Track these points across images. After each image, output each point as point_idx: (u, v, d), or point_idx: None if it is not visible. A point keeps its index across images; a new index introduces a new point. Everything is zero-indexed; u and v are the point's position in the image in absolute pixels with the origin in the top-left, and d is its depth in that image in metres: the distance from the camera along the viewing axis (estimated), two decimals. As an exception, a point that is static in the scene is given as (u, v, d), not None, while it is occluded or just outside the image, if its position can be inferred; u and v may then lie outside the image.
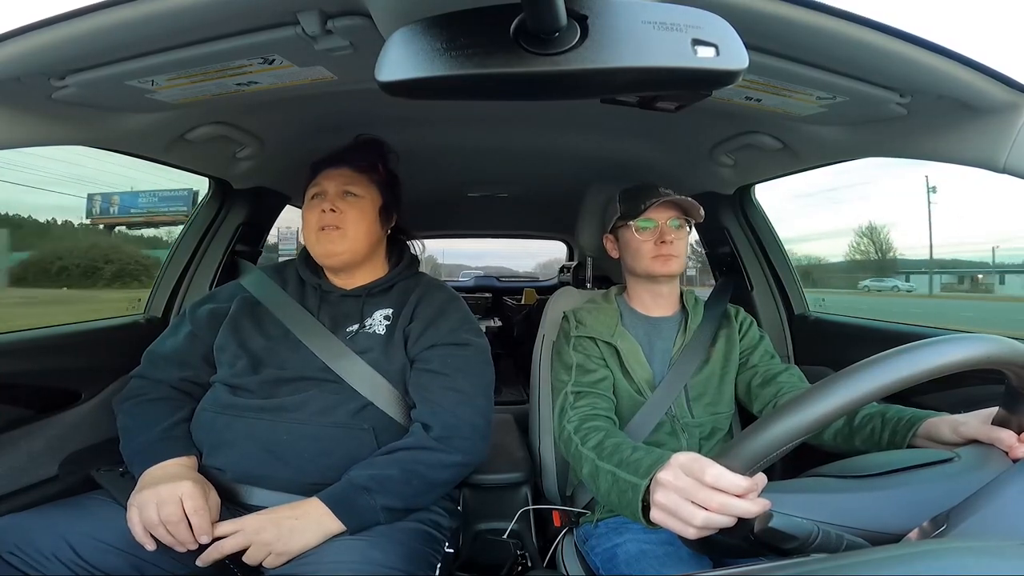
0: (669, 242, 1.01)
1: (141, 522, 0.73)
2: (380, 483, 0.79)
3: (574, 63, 0.35)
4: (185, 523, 0.73)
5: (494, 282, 3.58)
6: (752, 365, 1.05)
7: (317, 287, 0.99)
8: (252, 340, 0.93)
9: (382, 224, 1.00)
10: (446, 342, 0.93)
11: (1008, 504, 0.43)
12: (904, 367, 0.44)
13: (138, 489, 0.77)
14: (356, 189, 0.96)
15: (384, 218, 1.00)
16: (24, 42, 0.58)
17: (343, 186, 0.96)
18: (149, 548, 0.74)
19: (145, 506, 0.73)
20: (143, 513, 0.73)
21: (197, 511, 0.74)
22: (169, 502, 0.73)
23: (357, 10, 0.57)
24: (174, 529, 0.73)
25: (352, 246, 0.95)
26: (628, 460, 0.72)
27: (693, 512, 0.51)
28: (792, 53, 0.63)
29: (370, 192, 0.98)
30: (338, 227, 0.94)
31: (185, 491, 0.75)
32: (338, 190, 0.96)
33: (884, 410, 0.82)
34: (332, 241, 0.94)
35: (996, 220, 42.69)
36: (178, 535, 0.73)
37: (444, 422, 0.86)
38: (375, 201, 0.99)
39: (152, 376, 0.93)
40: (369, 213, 0.97)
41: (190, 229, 1.38)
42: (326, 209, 0.94)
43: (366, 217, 0.97)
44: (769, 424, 0.46)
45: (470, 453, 0.88)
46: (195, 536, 0.73)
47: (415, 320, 0.96)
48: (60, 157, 10.23)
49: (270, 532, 0.74)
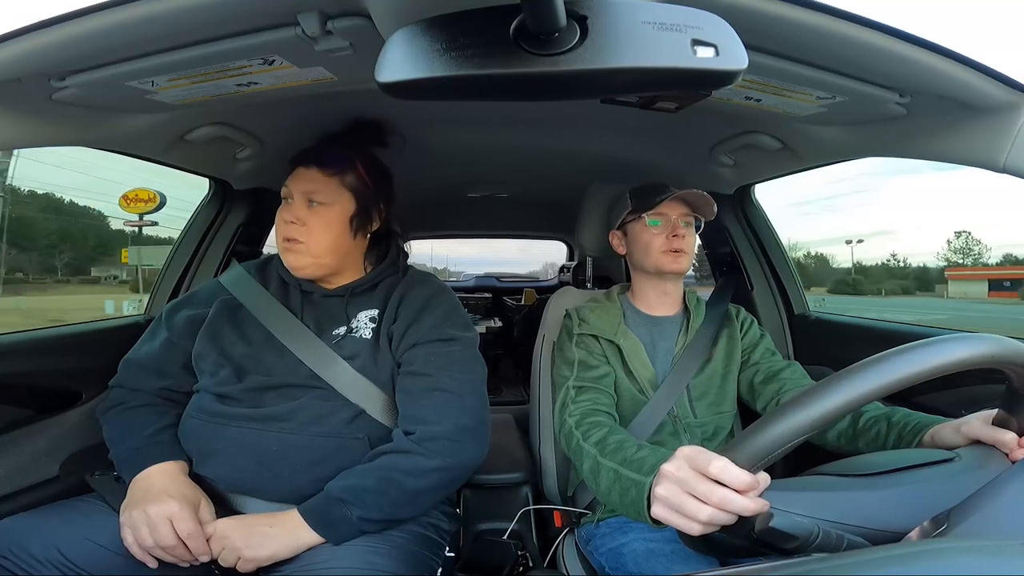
0: (680, 237, 1.02)
1: (136, 543, 0.73)
2: (356, 494, 0.76)
3: (574, 63, 0.35)
4: (182, 546, 0.73)
5: (494, 282, 3.57)
6: (754, 363, 1.05)
7: (298, 286, 0.94)
8: (233, 347, 0.88)
9: (355, 231, 0.92)
10: (429, 339, 0.88)
11: (1009, 504, 0.43)
12: (908, 366, 0.44)
13: (127, 504, 0.76)
14: (322, 196, 0.88)
15: (358, 224, 0.92)
16: (24, 43, 0.58)
17: (307, 191, 0.88)
18: (152, 566, 0.74)
19: (137, 528, 0.73)
20: (137, 535, 0.73)
21: (191, 536, 0.73)
22: (160, 524, 0.72)
23: (357, 11, 0.57)
24: (171, 552, 0.73)
25: (315, 260, 0.89)
26: (632, 458, 0.72)
27: (697, 508, 0.50)
28: (792, 53, 0.63)
29: (340, 198, 0.90)
30: (299, 240, 0.88)
31: (175, 513, 0.73)
32: (303, 197, 0.89)
33: (890, 413, 0.82)
34: (294, 255, 0.88)
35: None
36: (178, 556, 0.73)
37: (425, 425, 0.81)
38: (345, 208, 0.90)
39: (131, 385, 0.90)
40: (336, 224, 0.89)
41: (190, 229, 1.38)
42: (288, 220, 0.88)
43: (331, 229, 0.89)
44: (774, 420, 0.46)
45: (455, 456, 0.81)
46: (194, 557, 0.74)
47: (398, 319, 0.90)
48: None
49: (239, 538, 0.74)
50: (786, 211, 26.84)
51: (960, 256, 24.39)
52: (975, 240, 25.35)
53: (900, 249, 36.73)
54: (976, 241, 25.42)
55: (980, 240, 27.64)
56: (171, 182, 1.58)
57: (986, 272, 21.14)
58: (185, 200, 1.58)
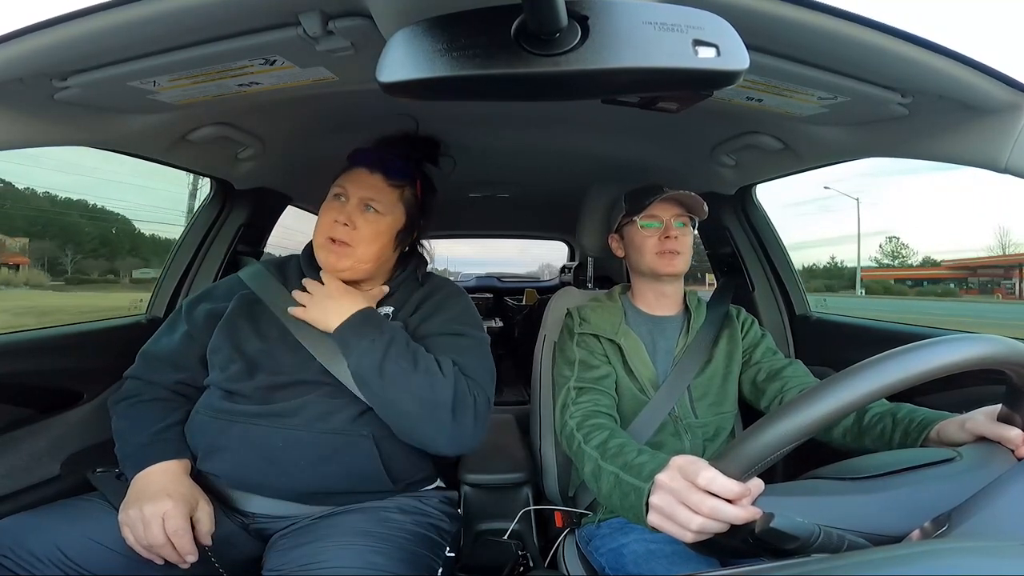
0: (674, 238, 1.02)
1: (136, 542, 0.73)
2: (391, 344, 0.81)
3: (575, 64, 0.35)
4: (170, 545, 0.73)
5: (495, 282, 3.57)
6: (755, 362, 1.05)
7: None
8: (248, 343, 0.89)
9: (397, 245, 0.94)
10: (443, 332, 0.90)
11: (1010, 504, 0.43)
12: (904, 368, 0.44)
13: (126, 503, 0.76)
14: (380, 205, 0.89)
15: (402, 238, 0.94)
16: (26, 43, 0.59)
17: (367, 197, 0.89)
18: (158, 562, 0.74)
19: (134, 526, 0.73)
20: (134, 533, 0.73)
21: (176, 533, 0.73)
22: (152, 523, 0.73)
23: (358, 11, 0.57)
24: (159, 551, 0.73)
25: (357, 265, 0.90)
26: (632, 463, 0.72)
27: (689, 517, 0.52)
28: (793, 53, 0.63)
29: (395, 211, 0.91)
30: (348, 244, 0.88)
31: (167, 511, 0.73)
32: (360, 201, 0.89)
33: (895, 410, 0.81)
34: (337, 257, 0.89)
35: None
36: (166, 555, 0.73)
37: (467, 373, 0.85)
38: (397, 222, 0.92)
39: (146, 377, 0.91)
40: (386, 234, 0.91)
41: (192, 229, 1.38)
42: (339, 220, 0.88)
43: (380, 239, 0.90)
44: (764, 428, 0.46)
45: (465, 417, 0.82)
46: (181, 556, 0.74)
47: (416, 312, 0.93)
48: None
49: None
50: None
51: (889, 259, 27.98)
52: (903, 244, 29.65)
53: (846, 253, 42.77)
54: (904, 245, 29.51)
55: (907, 245, 32.57)
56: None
57: (892, 273, 24.51)
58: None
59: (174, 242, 1.42)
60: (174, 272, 1.34)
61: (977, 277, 17.35)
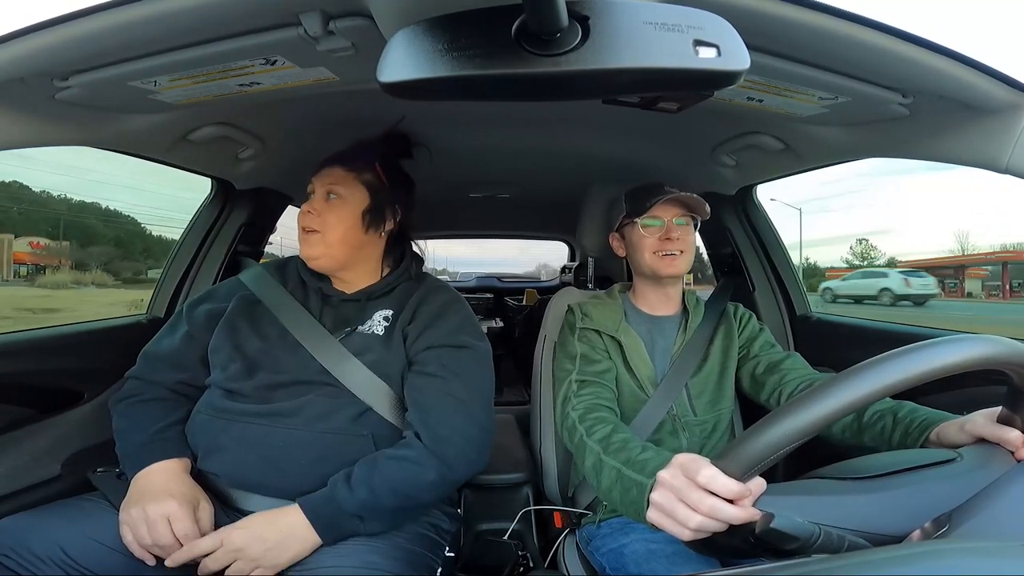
0: (674, 239, 1.02)
1: (136, 541, 0.73)
2: (373, 511, 0.77)
3: (575, 64, 0.35)
4: (177, 545, 0.73)
5: (495, 282, 3.57)
6: (754, 355, 1.05)
7: (319, 290, 0.96)
8: (248, 343, 0.90)
9: (367, 227, 0.95)
10: (444, 344, 0.90)
11: (1011, 505, 0.43)
12: (905, 369, 0.44)
13: (127, 503, 0.76)
14: (340, 190, 0.93)
15: (371, 221, 0.95)
16: (27, 43, 0.59)
17: (328, 187, 0.93)
18: (150, 563, 0.74)
19: (136, 526, 0.74)
20: (135, 533, 0.73)
21: (187, 537, 0.74)
22: (158, 523, 0.73)
23: (359, 11, 0.57)
24: (167, 551, 0.73)
25: (328, 251, 0.92)
26: (636, 459, 0.72)
27: (688, 515, 0.52)
28: (794, 54, 0.63)
29: (355, 194, 0.94)
30: (316, 230, 0.91)
31: (172, 512, 0.74)
32: (323, 191, 0.94)
33: (896, 408, 0.81)
34: (310, 244, 0.92)
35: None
36: (176, 558, 0.73)
37: (435, 433, 0.82)
38: (360, 203, 0.94)
39: (147, 377, 0.91)
40: (348, 217, 0.93)
41: (192, 229, 1.38)
42: (308, 211, 0.93)
43: (344, 221, 0.92)
44: (766, 427, 0.46)
45: (458, 468, 0.83)
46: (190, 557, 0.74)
47: (415, 320, 0.93)
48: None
49: (255, 550, 0.73)
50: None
51: (858, 260, 29.44)
52: (872, 246, 31.27)
53: (826, 256, 45.05)
54: (872, 247, 31.29)
55: (876, 246, 34.53)
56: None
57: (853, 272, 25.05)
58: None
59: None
60: (174, 272, 1.34)
61: (932, 276, 18.67)
